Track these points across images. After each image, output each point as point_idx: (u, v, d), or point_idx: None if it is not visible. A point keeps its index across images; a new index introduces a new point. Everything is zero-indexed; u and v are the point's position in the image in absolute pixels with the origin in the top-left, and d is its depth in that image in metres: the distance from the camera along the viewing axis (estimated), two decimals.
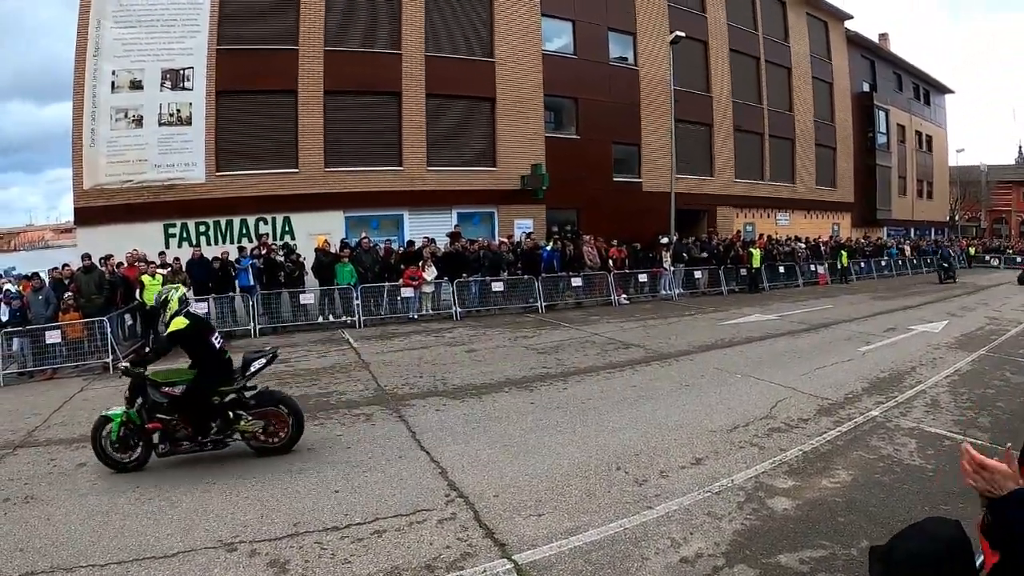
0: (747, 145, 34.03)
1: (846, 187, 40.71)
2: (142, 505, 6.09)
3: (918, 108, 49.84)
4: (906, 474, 6.29)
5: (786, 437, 7.46)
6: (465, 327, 17.42)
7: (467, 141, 25.38)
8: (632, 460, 6.78)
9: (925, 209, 50.57)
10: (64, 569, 4.94)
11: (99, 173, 20.38)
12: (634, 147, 29.33)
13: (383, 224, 23.88)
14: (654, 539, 5.06)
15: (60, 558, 5.11)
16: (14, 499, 6.45)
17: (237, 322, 17.67)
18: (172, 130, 21.06)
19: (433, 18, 24.54)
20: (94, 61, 20.48)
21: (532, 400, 9.44)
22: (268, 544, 5.18)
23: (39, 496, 6.51)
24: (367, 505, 5.83)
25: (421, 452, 7.25)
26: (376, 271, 19.16)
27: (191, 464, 7.17)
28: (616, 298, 21.82)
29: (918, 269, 36.72)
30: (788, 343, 13.83)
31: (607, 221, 26.07)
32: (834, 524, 5.23)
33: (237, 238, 21.24)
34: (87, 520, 5.81)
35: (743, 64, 34.06)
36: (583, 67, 27.67)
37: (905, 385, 9.89)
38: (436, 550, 4.97)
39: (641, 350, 13.30)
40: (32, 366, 13.77)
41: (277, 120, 22.36)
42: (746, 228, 32.90)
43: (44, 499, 6.42)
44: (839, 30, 40.81)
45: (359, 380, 11.29)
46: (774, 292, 25.70)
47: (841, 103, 40.46)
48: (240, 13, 21.98)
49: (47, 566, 5.00)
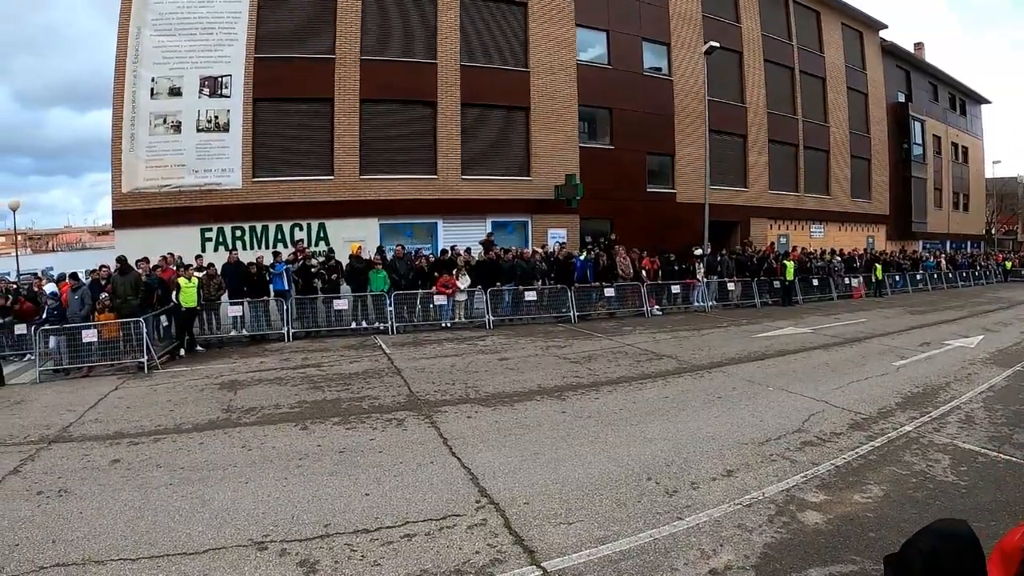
0: (781, 156, 33.81)
1: (881, 199, 40.23)
2: (174, 502, 6.13)
3: (954, 119, 49.21)
4: (939, 490, 6.17)
5: (818, 451, 7.35)
6: (497, 335, 17.42)
7: (501, 150, 25.45)
8: (663, 471, 6.72)
9: (961, 222, 49.85)
10: (96, 562, 4.98)
11: (137, 177, 20.73)
12: (668, 157, 29.23)
13: (417, 232, 24.04)
14: (684, 550, 5.00)
15: (92, 551, 5.16)
16: (48, 492, 6.53)
17: (271, 326, 17.85)
18: (210, 136, 21.38)
19: (468, 28, 24.72)
20: (134, 68, 20.87)
21: (564, 409, 9.40)
22: (298, 544, 5.19)
23: (72, 490, 6.59)
24: (397, 508, 5.83)
25: (452, 458, 7.24)
26: (409, 278, 19.20)
27: (224, 463, 7.23)
28: (649, 309, 21.68)
29: (954, 283, 36.15)
30: (821, 356, 13.64)
31: (640, 232, 25.94)
32: (865, 539, 5.14)
33: (272, 243, 21.49)
34: (119, 515, 5.87)
35: (777, 74, 33.85)
36: (617, 77, 27.65)
37: (939, 400, 9.71)
38: (466, 555, 4.96)
39: (673, 361, 13.21)
40: (68, 363, 13.98)
41: (313, 128, 22.62)
42: (780, 240, 32.63)
43: (77, 493, 6.50)
44: (874, 40, 40.41)
45: (391, 385, 11.31)
46: (807, 305, 25.39)
47: (876, 114, 40.01)
48: (277, 22, 22.30)
49: (79, 558, 5.05)
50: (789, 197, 34.15)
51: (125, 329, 14.14)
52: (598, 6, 27.32)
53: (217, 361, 14.66)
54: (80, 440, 8.50)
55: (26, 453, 7.92)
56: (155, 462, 7.40)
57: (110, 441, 8.30)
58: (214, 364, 14.23)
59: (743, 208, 31.66)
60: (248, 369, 13.43)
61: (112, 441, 8.27)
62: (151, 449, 7.91)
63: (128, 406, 10.49)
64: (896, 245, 40.02)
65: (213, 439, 8.28)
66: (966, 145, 50.63)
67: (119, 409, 10.27)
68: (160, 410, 10.06)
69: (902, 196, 41.62)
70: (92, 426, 9.25)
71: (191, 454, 7.67)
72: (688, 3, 29.90)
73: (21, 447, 8.23)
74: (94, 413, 10.08)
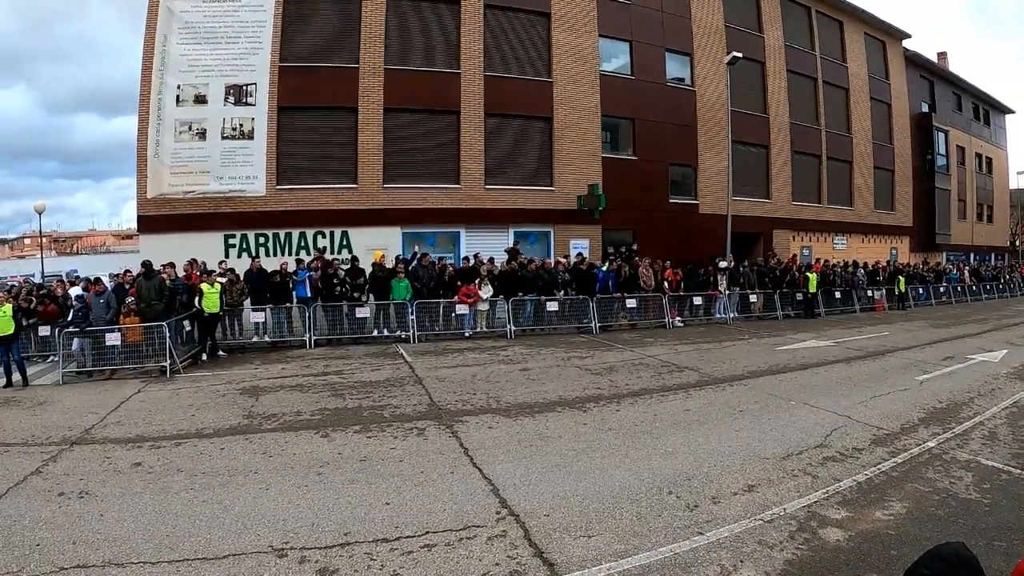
0: (804, 167, 33.56)
1: (905, 210, 39.79)
2: (195, 507, 6.17)
3: (977, 129, 48.61)
4: (961, 508, 6.08)
5: (840, 467, 7.27)
6: (519, 346, 17.41)
7: (524, 160, 25.47)
8: (684, 485, 6.67)
9: (985, 233, 49.22)
10: (116, 564, 5.01)
11: (162, 183, 20.96)
12: (690, 168, 29.09)
13: (440, 241, 24.10)
14: (704, 565, 4.96)
15: (112, 553, 5.19)
16: (69, 494, 6.59)
17: (293, 332, 17.95)
18: (234, 144, 21.58)
19: (491, 38, 24.78)
20: (160, 75, 21.12)
21: (585, 421, 9.37)
22: (318, 552, 5.19)
23: (94, 492, 6.64)
24: (418, 518, 5.82)
25: (473, 468, 7.23)
26: (431, 287, 19.24)
27: (245, 469, 7.27)
28: (670, 320, 21.61)
29: (977, 296, 35.76)
30: (844, 370, 13.51)
31: (663, 242, 25.80)
32: (887, 557, 5.06)
33: (295, 250, 21.64)
34: (140, 518, 5.91)
35: (800, 85, 33.61)
36: (640, 87, 27.60)
37: (962, 416, 9.58)
38: (485, 566, 4.94)
39: (695, 373, 13.14)
40: (91, 366, 14.10)
41: (337, 136, 22.78)
42: (803, 252, 32.40)
43: (98, 495, 6.55)
44: (897, 49, 40.03)
45: (412, 394, 11.33)
46: (830, 318, 25.18)
47: (899, 124, 39.57)
48: (302, 32, 22.52)
49: (99, 560, 5.08)
50: (812, 208, 33.88)
51: (148, 333, 14.28)
52: (621, 16, 27.32)
53: (239, 367, 14.74)
54: (102, 442, 8.58)
55: (48, 454, 8.01)
56: (176, 466, 7.45)
57: (132, 444, 8.36)
58: (236, 370, 14.32)
59: (766, 219, 31.43)
60: (270, 375, 13.51)
61: (134, 444, 8.34)
62: (172, 453, 7.97)
63: (150, 410, 10.57)
64: (919, 257, 39.65)
65: (234, 445, 8.32)
66: (990, 156, 50.04)
67: (141, 412, 10.35)
68: (182, 414, 10.13)
69: (926, 207, 41.16)
70: (114, 429, 9.34)
71: (212, 459, 7.71)
72: (711, 14, 29.84)
73: (43, 448, 8.33)
74: (116, 416, 10.18)
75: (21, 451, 8.24)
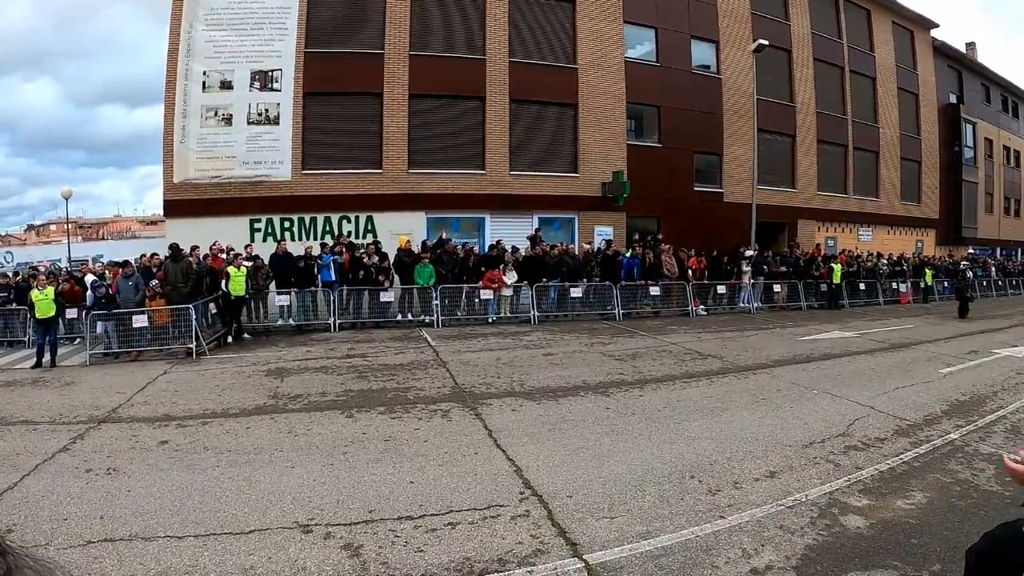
0: (830, 157, 33.17)
1: (931, 203, 39.18)
2: (221, 483, 6.24)
3: (1006, 121, 47.63)
4: (983, 500, 6.02)
5: (862, 455, 7.22)
6: (542, 331, 17.46)
7: (549, 147, 25.42)
8: (706, 469, 6.67)
9: (1012, 228, 48.30)
10: (143, 538, 5.07)
11: (188, 168, 21.14)
12: (715, 156, 28.88)
13: (464, 226, 24.16)
14: (725, 548, 4.96)
15: (139, 527, 5.26)
16: (96, 470, 6.69)
17: (318, 316, 18.11)
18: (260, 129, 21.72)
19: (516, 25, 24.71)
20: (186, 61, 21.29)
21: (608, 405, 9.38)
22: (343, 528, 5.24)
23: (121, 469, 6.74)
24: (441, 497, 5.86)
25: (497, 450, 7.26)
26: (455, 272, 19.31)
27: (271, 447, 7.34)
28: (693, 309, 21.57)
29: (1003, 291, 35.32)
30: (867, 361, 13.40)
31: (687, 231, 25.62)
32: (907, 546, 5.04)
33: (320, 235, 21.79)
34: (166, 494, 5.98)
35: (827, 73, 33.16)
36: (665, 75, 27.42)
37: (985, 410, 9.46)
38: (508, 545, 4.97)
39: (718, 361, 13.10)
40: (117, 348, 14.29)
41: (362, 122, 22.85)
42: (828, 242, 32.10)
43: (126, 472, 6.65)
44: (925, 39, 39.30)
45: (436, 377, 11.40)
46: (854, 309, 25.01)
47: (927, 115, 38.88)
48: (327, 18, 22.62)
49: (126, 534, 5.14)
50: (837, 199, 33.51)
51: (175, 315, 14.44)
52: (646, 3, 27.12)
53: (264, 349, 14.89)
54: (129, 421, 8.70)
55: (76, 432, 8.13)
56: (202, 444, 7.55)
57: (158, 423, 8.48)
58: (261, 352, 14.46)
59: (791, 209, 31.12)
60: (294, 357, 13.63)
61: (160, 423, 8.45)
62: (199, 432, 8.07)
63: (176, 390, 10.70)
64: (945, 250, 39.14)
65: (260, 424, 8.41)
66: (1018, 149, 49.02)
67: (167, 393, 10.48)
68: (208, 395, 10.26)
69: (952, 200, 40.44)
70: (141, 408, 9.46)
71: (238, 438, 7.80)
72: (737, 0, 29.56)
73: (71, 426, 8.46)
74: (143, 396, 10.31)
75: (49, 429, 8.36)
